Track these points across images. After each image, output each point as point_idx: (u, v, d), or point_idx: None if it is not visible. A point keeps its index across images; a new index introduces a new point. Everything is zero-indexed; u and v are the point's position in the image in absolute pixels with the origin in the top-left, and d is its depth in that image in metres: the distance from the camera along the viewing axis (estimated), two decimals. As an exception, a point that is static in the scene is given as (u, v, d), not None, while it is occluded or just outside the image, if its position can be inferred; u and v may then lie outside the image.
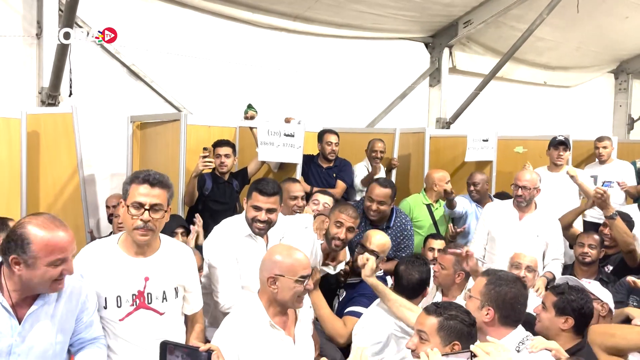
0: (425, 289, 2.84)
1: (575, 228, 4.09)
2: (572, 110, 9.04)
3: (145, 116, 4.70)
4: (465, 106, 7.18)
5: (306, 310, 2.39)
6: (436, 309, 1.99)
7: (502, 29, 7.26)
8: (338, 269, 3.19)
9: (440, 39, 7.40)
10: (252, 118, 4.48)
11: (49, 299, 1.89)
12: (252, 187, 2.72)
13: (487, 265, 3.72)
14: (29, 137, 4.14)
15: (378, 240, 3.12)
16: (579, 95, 9.26)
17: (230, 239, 2.70)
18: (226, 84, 5.79)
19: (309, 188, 4.53)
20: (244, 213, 2.76)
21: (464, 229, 4.44)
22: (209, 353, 1.89)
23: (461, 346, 1.90)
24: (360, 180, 5.05)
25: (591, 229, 4.21)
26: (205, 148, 3.97)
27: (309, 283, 2.22)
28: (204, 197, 4.09)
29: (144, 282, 2.15)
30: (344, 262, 3.22)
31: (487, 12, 6.77)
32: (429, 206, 4.53)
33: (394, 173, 5.33)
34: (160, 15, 5.38)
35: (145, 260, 2.16)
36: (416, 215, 4.44)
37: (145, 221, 2.05)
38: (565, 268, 3.69)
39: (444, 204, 4.53)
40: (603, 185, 4.75)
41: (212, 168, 4.06)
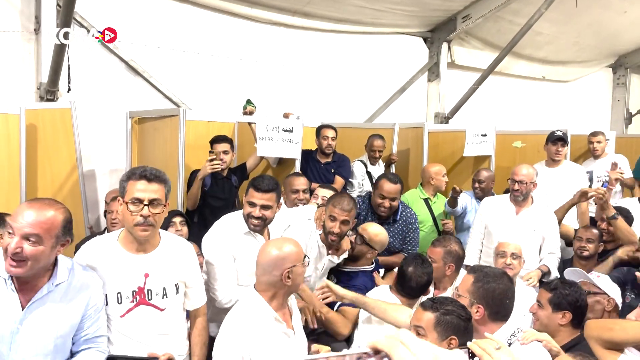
0: (428, 289, 2.86)
1: (566, 225, 4.07)
2: (570, 104, 9.05)
3: (143, 111, 4.70)
4: (463, 101, 7.18)
5: (294, 301, 2.45)
6: (432, 305, 2.00)
7: (501, 23, 7.26)
8: (342, 258, 3.19)
9: (438, 33, 7.40)
10: (251, 113, 4.47)
11: (55, 290, 1.89)
12: (249, 184, 2.74)
13: (485, 259, 3.76)
14: (27, 133, 4.14)
15: (373, 231, 3.16)
16: (577, 89, 9.27)
17: (229, 236, 2.70)
18: (225, 79, 5.79)
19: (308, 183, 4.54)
20: (242, 210, 2.77)
21: (451, 224, 4.49)
22: None
23: (458, 341, 1.91)
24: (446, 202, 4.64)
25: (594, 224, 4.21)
26: (211, 151, 3.97)
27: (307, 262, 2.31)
28: (203, 194, 4.09)
29: (144, 279, 2.16)
30: (347, 252, 3.23)
31: (486, 7, 6.76)
32: (426, 200, 4.55)
33: (393, 168, 5.34)
34: (158, 10, 5.37)
35: (145, 256, 2.18)
36: (415, 210, 4.45)
37: (145, 217, 2.07)
38: (565, 263, 3.71)
39: (446, 202, 4.55)
40: (599, 182, 4.79)
41: (213, 159, 4.00)
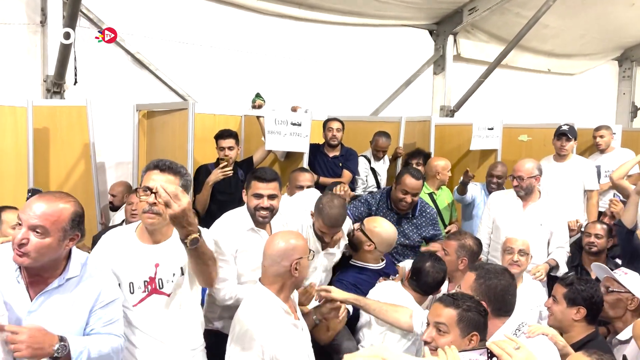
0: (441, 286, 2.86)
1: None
2: (576, 98, 9.02)
3: (151, 105, 4.69)
4: (469, 94, 7.16)
5: (296, 294, 2.47)
6: (454, 301, 1.99)
7: (507, 15, 7.21)
8: (342, 247, 3.16)
9: (444, 26, 7.36)
10: (260, 107, 4.46)
11: (65, 284, 1.89)
12: (250, 178, 2.72)
13: (493, 254, 3.76)
14: (39, 129, 4.18)
15: (375, 223, 3.11)
16: (582, 82, 9.23)
17: (232, 233, 2.68)
18: (230, 72, 5.77)
19: (315, 177, 4.53)
20: (245, 206, 2.75)
21: (457, 224, 4.51)
22: None
23: (479, 336, 1.91)
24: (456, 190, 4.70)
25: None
26: (222, 158, 3.99)
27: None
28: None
29: (154, 269, 2.18)
30: (343, 240, 3.18)
31: (492, -1, 6.73)
32: (431, 195, 4.54)
33: (399, 162, 5.33)
34: (164, 3, 5.35)
35: (156, 246, 2.19)
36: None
37: (151, 204, 2.08)
38: (573, 257, 3.71)
39: (456, 189, 4.55)
40: (607, 177, 4.77)
41: (225, 165, 3.98)
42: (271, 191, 2.66)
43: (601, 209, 4.56)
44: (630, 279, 2.59)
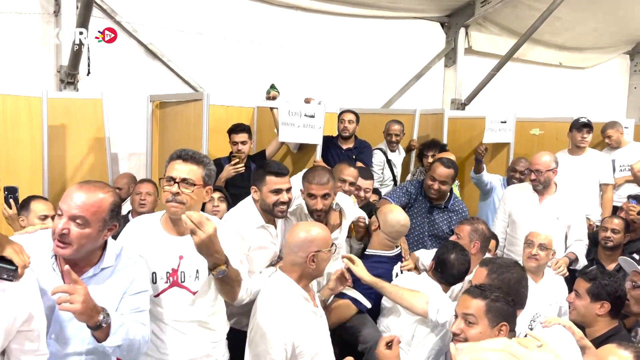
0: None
1: None
2: (587, 91, 8.96)
3: (165, 95, 4.68)
4: (480, 87, 7.12)
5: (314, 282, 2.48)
6: (481, 292, 1.99)
7: (520, 8, 7.15)
8: (344, 232, 3.09)
9: (456, 18, 7.31)
10: (274, 98, 4.43)
11: (99, 273, 1.89)
12: (264, 173, 2.67)
13: (510, 248, 3.75)
14: (53, 120, 4.17)
15: (385, 208, 3.12)
16: (594, 76, 9.16)
17: (243, 233, 2.63)
18: (242, 63, 5.75)
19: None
20: (252, 204, 2.72)
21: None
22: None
23: (508, 326, 1.91)
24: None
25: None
26: (234, 155, 3.99)
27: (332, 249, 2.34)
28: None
29: (178, 261, 2.17)
30: (343, 225, 3.09)
31: (505, -9, 6.68)
32: None
33: (413, 154, 5.32)
34: (177, -7, 5.34)
35: (181, 238, 2.17)
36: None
37: (174, 194, 2.08)
38: (589, 252, 3.69)
39: (472, 171, 4.52)
40: (622, 171, 4.75)
41: (237, 162, 3.96)
42: (288, 184, 2.67)
43: (615, 204, 4.53)
44: None
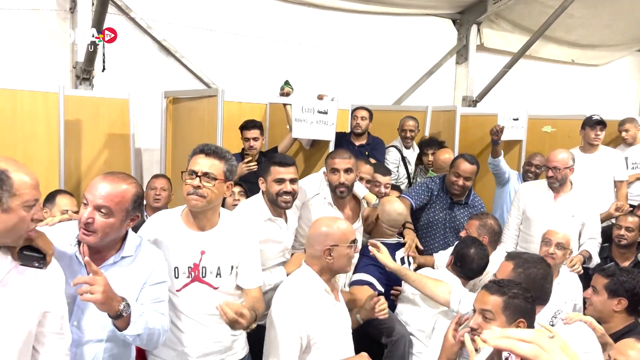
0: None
1: None
2: (599, 89, 8.91)
3: (179, 92, 4.71)
4: (492, 84, 7.11)
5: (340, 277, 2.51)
6: (499, 288, 2.00)
7: (532, 5, 7.12)
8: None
9: (468, 15, 7.29)
10: (288, 95, 4.45)
11: (120, 262, 1.94)
12: (268, 165, 2.73)
13: (523, 245, 3.75)
14: (70, 116, 4.22)
15: (386, 199, 3.19)
16: (606, 74, 9.11)
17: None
18: (254, 59, 5.77)
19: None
20: (261, 196, 2.75)
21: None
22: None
23: (526, 323, 1.92)
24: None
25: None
26: (246, 153, 4.02)
27: (357, 247, 2.35)
28: (235, 178, 4.10)
29: (199, 256, 2.19)
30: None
31: (519, -12, 6.66)
32: None
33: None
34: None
35: (202, 234, 2.20)
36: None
37: (195, 187, 2.11)
38: (602, 250, 3.69)
39: (490, 156, 4.52)
40: (634, 169, 4.73)
41: (249, 161, 3.98)
42: (292, 175, 2.69)
43: (629, 202, 4.52)
44: None
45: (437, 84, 7.28)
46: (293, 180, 2.69)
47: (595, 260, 3.51)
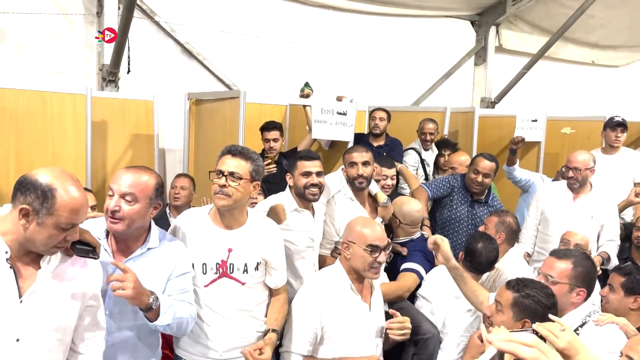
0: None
1: None
2: (620, 90, 8.82)
3: (202, 93, 4.81)
4: (511, 86, 7.10)
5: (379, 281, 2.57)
6: (515, 285, 2.06)
7: (551, 6, 7.10)
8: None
9: (487, 17, 7.28)
10: (308, 96, 4.52)
11: (146, 253, 2.05)
12: (295, 160, 2.81)
13: (541, 245, 3.76)
14: (97, 117, 4.36)
15: (399, 199, 3.29)
16: (626, 75, 9.01)
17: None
18: (274, 61, 5.86)
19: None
20: (288, 191, 2.82)
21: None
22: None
23: (530, 325, 1.96)
24: None
25: None
26: (266, 155, 4.09)
27: (383, 256, 2.33)
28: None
29: (227, 253, 2.28)
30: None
31: (538, -11, 6.64)
32: None
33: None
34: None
35: (230, 232, 2.29)
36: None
37: (221, 186, 2.20)
38: (622, 250, 3.69)
39: (505, 164, 4.53)
40: None
41: (269, 163, 3.96)
42: (318, 168, 2.76)
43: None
44: None
45: (456, 86, 7.29)
46: (319, 173, 2.76)
47: (614, 261, 3.51)
